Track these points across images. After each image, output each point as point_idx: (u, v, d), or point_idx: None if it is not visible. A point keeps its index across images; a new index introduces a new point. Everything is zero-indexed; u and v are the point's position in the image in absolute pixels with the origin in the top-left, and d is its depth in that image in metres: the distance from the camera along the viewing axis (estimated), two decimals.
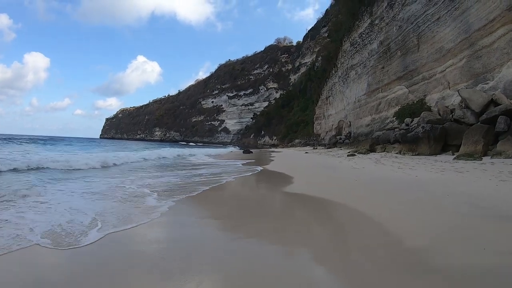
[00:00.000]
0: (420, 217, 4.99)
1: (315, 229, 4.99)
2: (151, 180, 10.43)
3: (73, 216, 5.43)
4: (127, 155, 22.72)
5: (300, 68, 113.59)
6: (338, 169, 13.86)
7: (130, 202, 6.70)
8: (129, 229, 4.82)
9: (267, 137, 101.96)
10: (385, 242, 3.99)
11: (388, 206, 5.87)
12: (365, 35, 33.89)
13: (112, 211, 5.81)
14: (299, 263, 3.53)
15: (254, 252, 3.89)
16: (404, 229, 4.41)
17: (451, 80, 20.10)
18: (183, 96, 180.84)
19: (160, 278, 3.16)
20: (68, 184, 9.18)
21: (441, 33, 21.30)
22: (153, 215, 5.58)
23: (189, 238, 4.56)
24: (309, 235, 4.57)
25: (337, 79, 45.25)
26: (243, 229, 4.90)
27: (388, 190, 7.52)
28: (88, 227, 4.82)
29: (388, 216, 5.14)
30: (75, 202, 6.58)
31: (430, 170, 9.43)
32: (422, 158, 13.73)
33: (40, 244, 4.09)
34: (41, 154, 21.42)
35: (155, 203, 6.62)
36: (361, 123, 34.55)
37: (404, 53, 25.72)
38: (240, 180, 11.77)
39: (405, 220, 4.90)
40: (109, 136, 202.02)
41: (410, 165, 11.43)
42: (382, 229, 4.50)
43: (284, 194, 8.19)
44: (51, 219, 5.27)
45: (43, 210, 5.87)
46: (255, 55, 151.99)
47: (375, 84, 31.31)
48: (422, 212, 5.31)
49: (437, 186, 7.21)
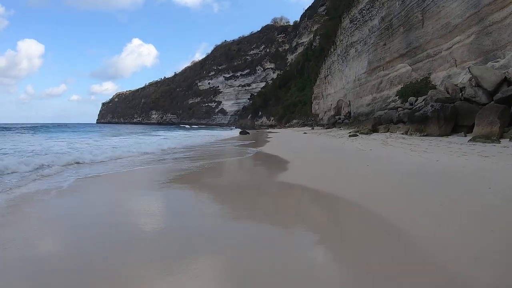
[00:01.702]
0: (481, 235, 3.36)
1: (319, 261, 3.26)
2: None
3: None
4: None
5: (298, 48, 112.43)
6: (342, 151, 12.77)
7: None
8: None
9: (265, 117, 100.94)
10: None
11: (432, 214, 4.08)
12: (366, 11, 32.52)
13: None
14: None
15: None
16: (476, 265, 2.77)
17: (458, 58, 19.16)
18: (179, 78, 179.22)
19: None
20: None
21: (448, 7, 20.23)
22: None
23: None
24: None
25: (336, 57, 44.04)
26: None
27: (416, 184, 5.82)
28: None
29: (443, 235, 3.43)
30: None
31: (449, 153, 8.54)
32: (432, 139, 12.85)
33: None
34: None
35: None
36: (361, 102, 33.65)
37: (407, 29, 24.64)
38: (226, 165, 10.90)
39: (467, 244, 3.21)
40: (105, 121, 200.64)
41: (422, 147, 10.57)
42: (443, 265, 2.80)
43: (276, 186, 6.92)
44: None
45: None
46: (251, 36, 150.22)
47: (376, 62, 30.26)
48: (478, 223, 3.71)
49: (469, 175, 5.83)
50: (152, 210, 5.39)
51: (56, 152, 13.87)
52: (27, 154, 13.29)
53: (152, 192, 6.60)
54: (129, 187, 7.23)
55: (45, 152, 14.36)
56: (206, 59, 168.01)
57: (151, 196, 6.26)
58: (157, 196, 6.29)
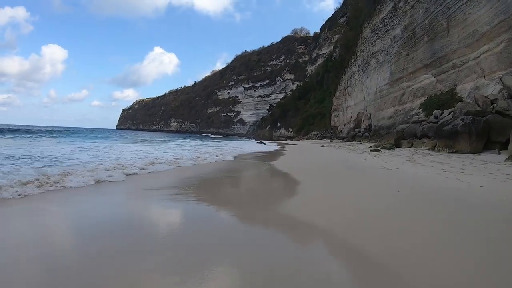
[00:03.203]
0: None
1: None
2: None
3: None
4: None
5: (317, 59, 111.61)
6: (364, 170, 11.24)
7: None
8: None
9: (283, 129, 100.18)
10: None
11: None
12: (388, 20, 31.42)
13: None
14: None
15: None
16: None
17: (486, 68, 17.90)
18: (199, 87, 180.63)
19: None
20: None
21: (475, 14, 19.09)
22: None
23: None
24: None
25: (357, 68, 42.90)
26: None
27: (472, 228, 4.30)
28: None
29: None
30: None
31: (489, 176, 7.32)
32: (463, 156, 11.64)
33: None
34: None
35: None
36: (382, 115, 32.32)
37: (432, 38, 23.46)
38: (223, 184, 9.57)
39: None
40: (125, 127, 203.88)
41: (456, 167, 9.32)
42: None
43: (276, 223, 5.07)
44: None
45: None
46: (271, 46, 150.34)
47: (398, 73, 29.00)
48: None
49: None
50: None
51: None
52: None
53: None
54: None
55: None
56: (226, 69, 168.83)
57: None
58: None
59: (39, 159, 12.43)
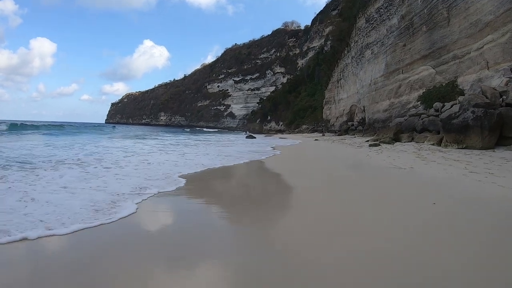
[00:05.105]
0: None
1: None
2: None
3: None
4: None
5: (308, 52, 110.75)
6: (372, 169, 9.76)
7: None
8: None
9: (273, 122, 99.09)
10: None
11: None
12: (384, 9, 30.30)
13: None
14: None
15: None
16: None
17: (490, 59, 17.02)
18: (189, 80, 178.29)
19: None
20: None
21: (478, 3, 18.15)
22: None
23: None
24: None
25: (350, 60, 41.83)
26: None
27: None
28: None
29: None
30: None
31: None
32: (478, 153, 10.58)
33: None
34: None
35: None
36: (377, 108, 31.38)
37: (431, 28, 22.49)
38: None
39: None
40: (114, 121, 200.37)
41: (478, 166, 8.12)
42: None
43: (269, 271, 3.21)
44: None
45: None
46: (262, 39, 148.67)
47: (394, 64, 28.03)
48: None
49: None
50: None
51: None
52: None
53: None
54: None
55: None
56: (216, 62, 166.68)
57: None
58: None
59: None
